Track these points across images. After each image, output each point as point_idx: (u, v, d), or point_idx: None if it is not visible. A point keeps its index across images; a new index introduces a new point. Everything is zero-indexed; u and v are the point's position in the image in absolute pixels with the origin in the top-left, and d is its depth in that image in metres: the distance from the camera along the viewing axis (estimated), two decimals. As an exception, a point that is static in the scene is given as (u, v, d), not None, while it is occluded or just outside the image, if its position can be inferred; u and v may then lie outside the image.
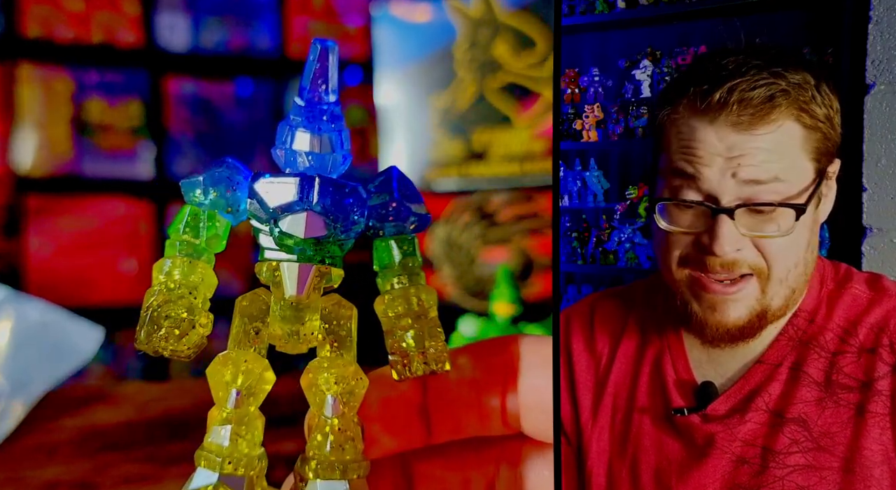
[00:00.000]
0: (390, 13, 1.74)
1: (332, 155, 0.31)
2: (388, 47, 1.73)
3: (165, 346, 0.29)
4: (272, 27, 2.08)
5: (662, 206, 0.33)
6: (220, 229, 0.31)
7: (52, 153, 1.92)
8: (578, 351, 0.35)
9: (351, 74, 2.03)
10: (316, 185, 0.30)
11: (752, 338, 0.33)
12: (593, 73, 0.36)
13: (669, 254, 0.34)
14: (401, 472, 0.33)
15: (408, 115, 1.72)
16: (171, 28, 2.00)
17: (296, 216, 0.30)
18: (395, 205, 0.31)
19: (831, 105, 0.32)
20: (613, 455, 0.34)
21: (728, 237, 0.32)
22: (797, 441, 0.31)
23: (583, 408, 0.35)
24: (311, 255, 0.30)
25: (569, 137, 0.36)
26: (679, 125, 0.33)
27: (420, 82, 1.71)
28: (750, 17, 0.33)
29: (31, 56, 1.90)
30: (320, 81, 0.31)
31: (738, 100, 0.32)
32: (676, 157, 0.33)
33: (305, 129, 0.31)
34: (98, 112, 1.95)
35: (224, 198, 0.31)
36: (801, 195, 0.32)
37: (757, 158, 0.32)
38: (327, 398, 0.30)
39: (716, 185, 0.32)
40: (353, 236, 0.31)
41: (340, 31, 2.08)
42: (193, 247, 0.31)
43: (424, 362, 0.30)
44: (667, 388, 0.34)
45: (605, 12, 0.35)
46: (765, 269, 0.33)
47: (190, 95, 2.02)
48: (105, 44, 1.95)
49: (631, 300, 0.36)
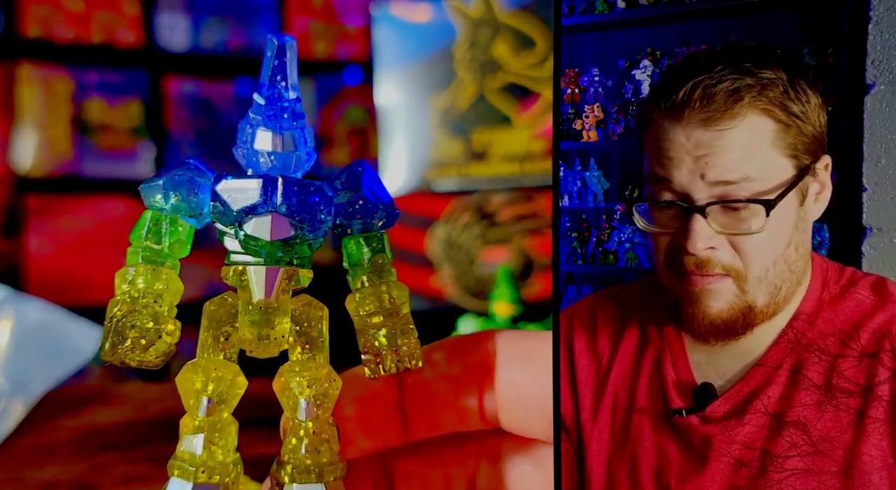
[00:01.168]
0: (390, 13, 1.74)
1: (296, 153, 0.30)
2: (388, 47, 1.73)
3: (132, 357, 0.28)
4: (272, 27, 2.08)
5: (644, 208, 0.34)
6: (183, 234, 0.30)
7: (52, 153, 1.92)
8: (580, 350, 0.35)
9: (351, 74, 2.03)
10: (279, 185, 0.29)
11: (743, 335, 0.33)
12: (593, 73, 0.36)
13: (657, 255, 0.34)
14: (381, 471, 0.33)
15: (408, 115, 1.72)
16: (171, 28, 2.00)
17: (260, 218, 0.29)
18: (363, 202, 0.31)
19: (808, 101, 0.32)
20: (613, 454, 0.34)
21: (700, 234, 0.32)
22: (796, 445, 0.31)
23: (583, 406, 0.35)
24: (279, 256, 0.30)
25: (569, 137, 0.36)
26: (654, 128, 0.33)
27: (420, 82, 1.71)
28: (750, 17, 0.33)
29: (31, 56, 1.90)
30: (279, 78, 0.30)
31: (701, 96, 0.32)
32: (652, 161, 0.33)
33: (266, 127, 0.30)
34: (98, 112, 1.95)
35: (186, 202, 0.30)
36: (774, 191, 0.32)
37: (725, 157, 0.32)
38: (300, 402, 0.29)
39: (686, 186, 0.32)
40: (321, 235, 0.30)
41: (340, 31, 2.08)
42: (157, 253, 0.30)
43: (397, 360, 0.30)
44: (666, 389, 0.34)
45: (605, 12, 0.35)
46: (741, 269, 0.33)
47: (190, 95, 2.02)
48: (105, 44, 1.95)
49: (631, 300, 0.36)
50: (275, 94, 0.30)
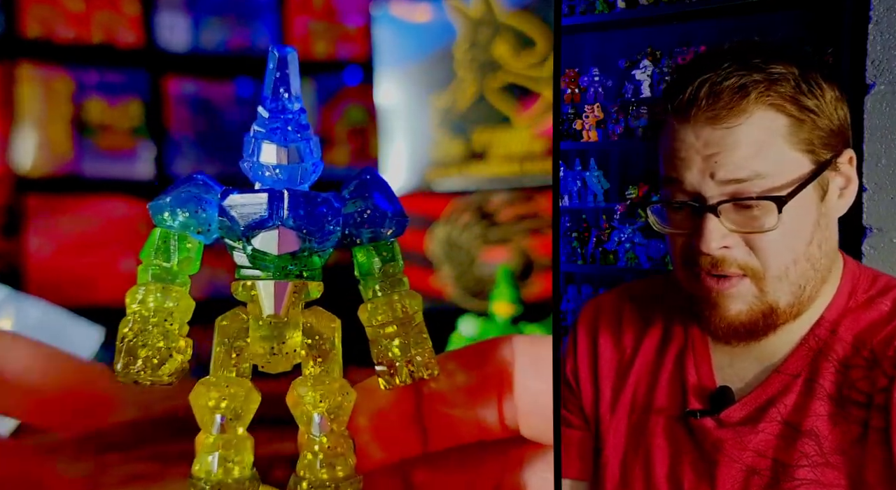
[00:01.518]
0: (390, 13, 1.74)
1: (301, 165, 0.30)
2: (388, 47, 1.73)
3: (145, 377, 0.28)
4: (272, 27, 2.08)
5: (658, 209, 0.33)
6: (192, 251, 0.30)
7: (52, 153, 1.92)
8: (604, 342, 0.35)
9: (351, 74, 2.03)
10: (286, 199, 0.29)
11: (765, 336, 0.33)
12: (593, 73, 0.36)
13: (673, 256, 0.34)
14: (401, 483, 0.33)
15: (408, 115, 1.72)
16: (171, 28, 2.00)
17: (268, 233, 0.29)
18: (371, 211, 0.31)
19: (822, 95, 0.32)
20: (629, 449, 0.34)
21: (713, 233, 0.32)
22: (807, 455, 0.31)
23: (603, 399, 0.34)
24: (288, 269, 0.29)
25: (569, 137, 0.36)
26: (665, 130, 0.33)
27: (420, 82, 1.71)
28: (750, 17, 0.33)
29: (31, 56, 1.90)
30: (282, 90, 0.30)
31: (708, 93, 0.31)
32: (665, 163, 0.33)
33: (271, 140, 0.30)
34: (98, 112, 1.95)
35: (194, 218, 0.30)
36: (789, 187, 0.31)
37: (734, 155, 0.31)
38: (314, 417, 0.29)
39: (697, 186, 0.32)
40: (330, 247, 0.30)
41: (340, 31, 2.08)
42: (167, 271, 0.30)
43: (412, 370, 0.30)
44: (686, 389, 0.34)
45: (605, 12, 0.35)
46: (758, 268, 0.32)
47: (190, 95, 2.02)
48: (105, 44, 1.95)
49: (657, 295, 0.36)
50: (278, 107, 0.30)
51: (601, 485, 0.34)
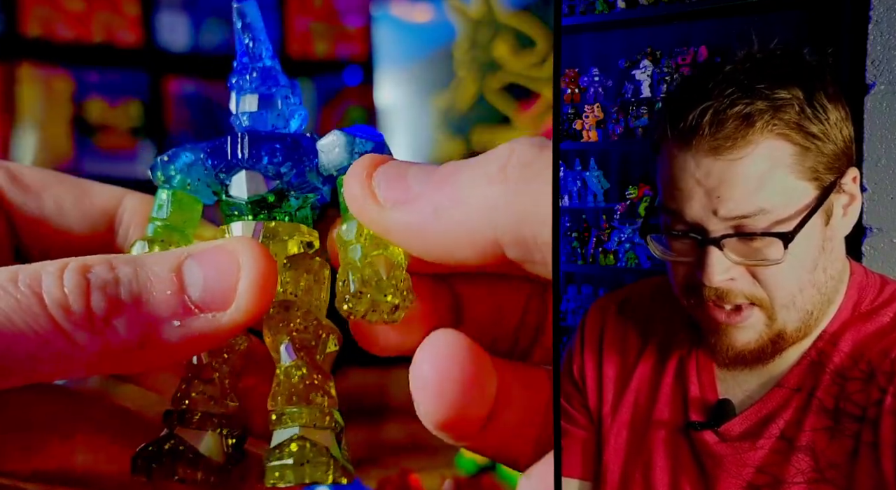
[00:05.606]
0: (390, 13, 1.74)
1: (270, 112, 0.30)
2: (388, 47, 1.73)
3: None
4: (272, 27, 2.08)
5: (658, 236, 0.33)
6: (189, 208, 0.32)
7: (52, 153, 1.92)
8: (609, 341, 0.35)
9: (351, 74, 2.03)
10: (245, 141, 0.30)
11: (770, 360, 0.32)
12: (593, 73, 0.36)
13: (675, 283, 0.33)
14: (449, 292, 0.31)
15: (408, 115, 1.72)
16: (171, 28, 2.00)
17: (236, 177, 0.30)
18: (344, 137, 0.30)
19: (827, 118, 0.31)
20: (630, 455, 0.33)
21: (716, 267, 0.31)
22: (802, 470, 0.30)
23: (605, 400, 0.34)
24: (263, 216, 0.30)
25: (569, 137, 0.36)
26: (664, 153, 0.32)
27: (420, 82, 1.71)
28: (750, 17, 0.33)
29: (31, 56, 1.90)
30: (248, 41, 0.31)
31: (711, 122, 0.30)
32: (665, 193, 0.32)
33: (240, 90, 0.31)
34: (98, 112, 1.95)
35: (184, 174, 0.31)
36: (794, 219, 0.30)
37: (737, 190, 0.30)
38: (283, 346, 0.29)
39: (699, 220, 0.31)
40: (310, 187, 0.30)
41: (340, 31, 2.08)
42: (168, 228, 0.31)
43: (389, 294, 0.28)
44: (688, 399, 0.33)
45: (605, 12, 0.35)
46: (764, 298, 0.31)
47: (190, 95, 2.02)
48: (105, 44, 1.95)
49: (665, 298, 0.35)
50: (245, 57, 0.31)
51: (601, 488, 0.34)
